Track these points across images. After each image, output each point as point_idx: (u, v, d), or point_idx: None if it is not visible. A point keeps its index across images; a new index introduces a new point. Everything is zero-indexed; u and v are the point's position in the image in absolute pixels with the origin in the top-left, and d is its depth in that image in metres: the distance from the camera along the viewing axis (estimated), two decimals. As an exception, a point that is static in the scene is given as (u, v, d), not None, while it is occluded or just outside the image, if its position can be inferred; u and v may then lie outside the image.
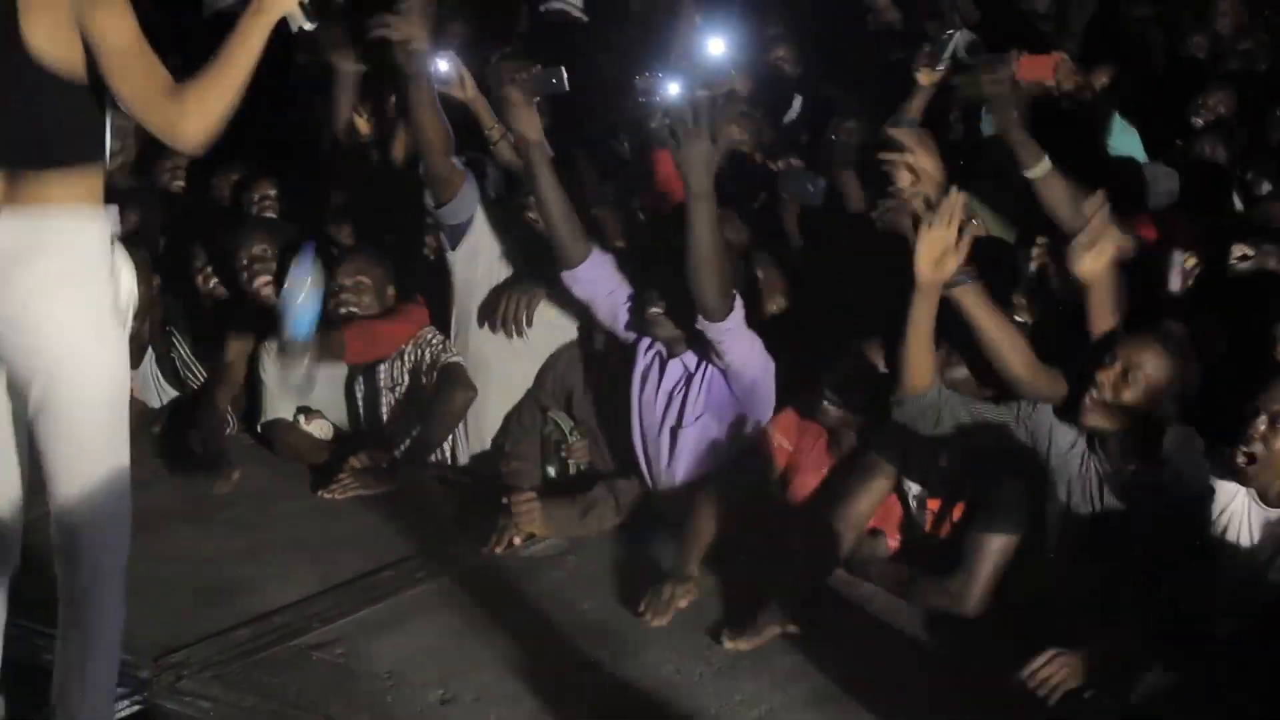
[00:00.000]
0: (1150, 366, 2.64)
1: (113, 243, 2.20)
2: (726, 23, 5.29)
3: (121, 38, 2.08)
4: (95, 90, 2.12)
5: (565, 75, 3.40)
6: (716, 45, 4.82)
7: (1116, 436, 2.73)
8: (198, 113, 2.09)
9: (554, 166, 3.40)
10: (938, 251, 2.65)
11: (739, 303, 3.17)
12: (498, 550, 3.24)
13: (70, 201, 2.12)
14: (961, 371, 3.04)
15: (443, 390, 3.67)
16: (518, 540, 3.28)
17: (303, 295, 3.26)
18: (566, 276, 3.41)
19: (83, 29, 2.06)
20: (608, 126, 5.23)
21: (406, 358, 3.77)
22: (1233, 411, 2.69)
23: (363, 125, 4.63)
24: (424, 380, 3.73)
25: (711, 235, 3.04)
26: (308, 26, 2.23)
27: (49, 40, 2.04)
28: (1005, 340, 2.80)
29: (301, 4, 2.19)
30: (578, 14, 5.91)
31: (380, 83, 4.54)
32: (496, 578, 3.23)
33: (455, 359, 3.71)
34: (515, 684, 2.69)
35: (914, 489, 3.15)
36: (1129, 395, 2.64)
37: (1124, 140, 4.85)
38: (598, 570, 3.27)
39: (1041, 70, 3.95)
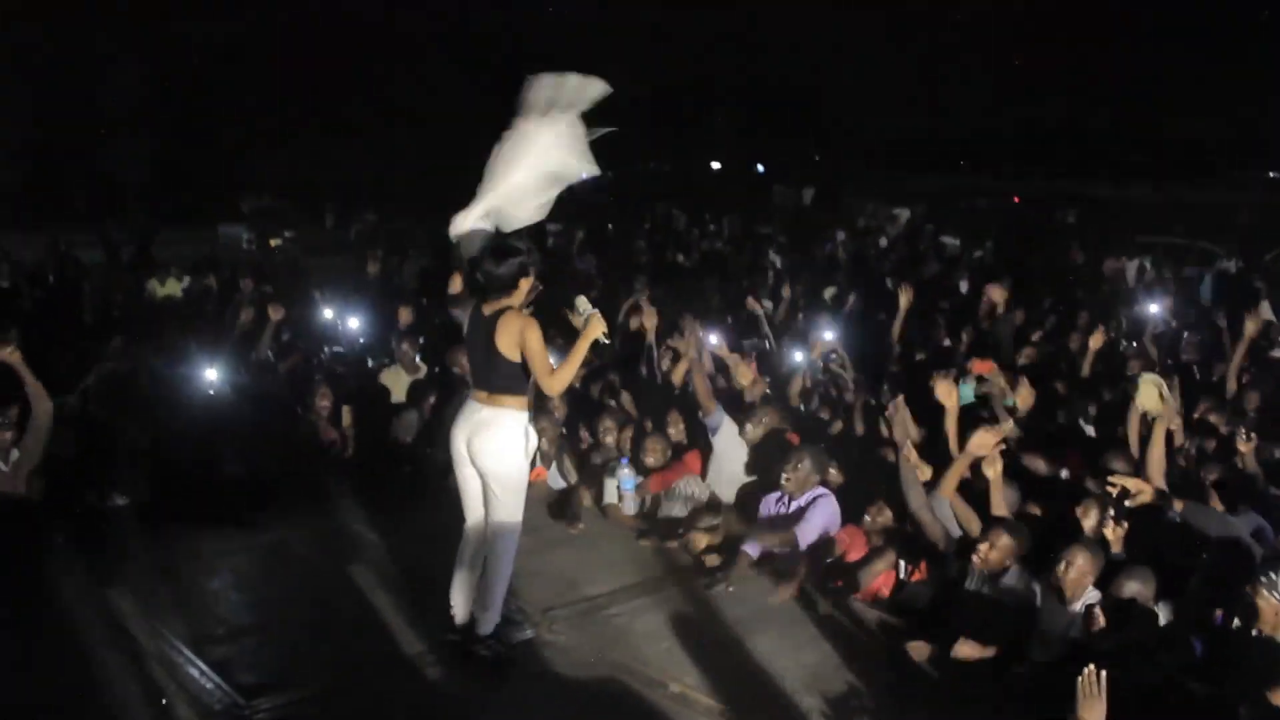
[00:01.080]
0: (1003, 542, 5.21)
1: (529, 422, 5.09)
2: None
3: (535, 348, 4.81)
4: (521, 367, 4.90)
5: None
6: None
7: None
8: (560, 381, 4.96)
9: None
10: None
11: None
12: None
13: (512, 406, 5.03)
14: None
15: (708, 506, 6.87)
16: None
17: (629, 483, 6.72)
18: None
19: (521, 342, 4.88)
20: None
21: (685, 486, 6.97)
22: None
23: None
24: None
25: None
26: (605, 341, 5.23)
27: (506, 346, 4.89)
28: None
29: (605, 334, 5.14)
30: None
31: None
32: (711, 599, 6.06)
33: (710, 491, 7.01)
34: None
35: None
36: (993, 556, 5.25)
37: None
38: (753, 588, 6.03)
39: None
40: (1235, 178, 46.94)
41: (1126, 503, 5.45)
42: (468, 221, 5.25)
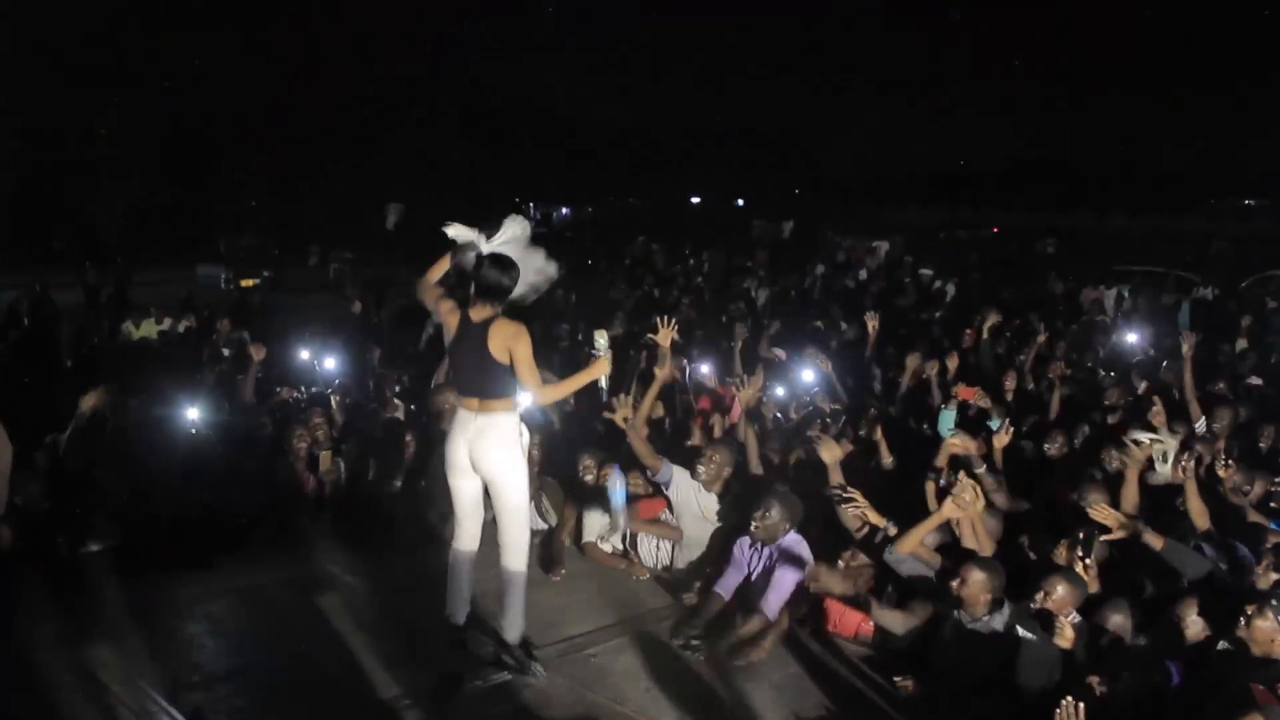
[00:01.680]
0: (975, 578, 5.19)
1: (520, 423, 5.19)
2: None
3: (523, 356, 4.93)
4: (511, 370, 4.97)
5: None
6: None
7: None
8: (549, 395, 5.21)
9: None
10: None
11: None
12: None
13: (503, 410, 5.09)
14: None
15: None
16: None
17: (619, 493, 6.58)
18: None
19: (510, 349, 4.96)
20: None
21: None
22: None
23: None
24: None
25: None
26: (604, 385, 5.30)
27: (497, 350, 4.92)
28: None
29: (608, 376, 5.25)
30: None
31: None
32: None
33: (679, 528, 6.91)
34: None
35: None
36: (965, 593, 5.23)
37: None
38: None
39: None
40: (1211, 207, 47.44)
41: (1103, 537, 5.47)
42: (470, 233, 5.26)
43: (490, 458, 5.08)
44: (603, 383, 5.39)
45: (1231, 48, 50.94)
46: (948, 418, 8.09)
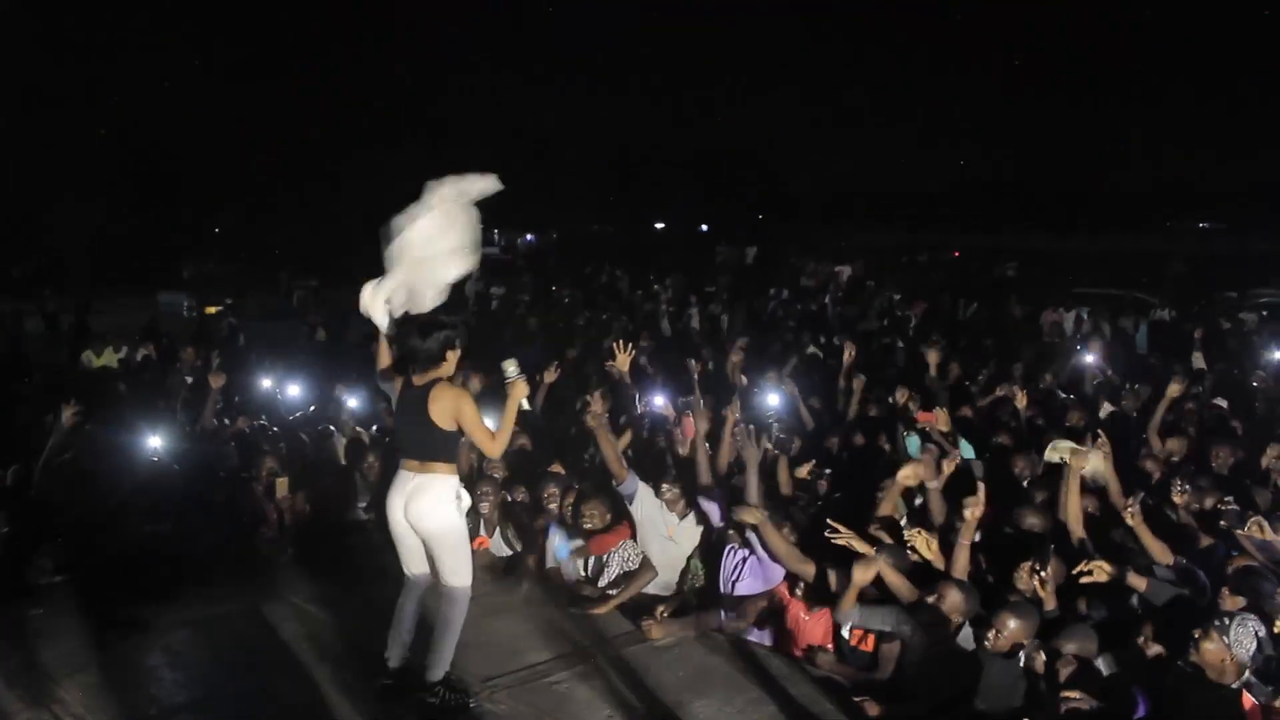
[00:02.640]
0: (951, 598, 5.23)
1: (459, 486, 5.21)
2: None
3: (470, 419, 5.00)
4: (453, 433, 5.10)
5: None
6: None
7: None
8: (499, 445, 5.15)
9: None
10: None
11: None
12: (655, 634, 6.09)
13: (442, 472, 5.13)
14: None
15: (641, 569, 6.76)
16: (657, 634, 6.11)
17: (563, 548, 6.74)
18: None
19: (456, 415, 5.04)
20: None
21: (622, 552, 6.85)
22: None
23: None
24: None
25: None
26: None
27: (438, 415, 5.01)
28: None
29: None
30: None
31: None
32: (650, 651, 6.03)
33: (643, 554, 6.86)
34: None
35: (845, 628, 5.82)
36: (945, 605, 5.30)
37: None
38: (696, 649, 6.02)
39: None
40: (1168, 229, 48.11)
41: (1084, 580, 5.53)
42: (378, 298, 5.35)
43: (423, 515, 5.08)
44: (526, 405, 5.37)
45: (1188, 73, 51.82)
46: (913, 443, 8.18)
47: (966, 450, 8.16)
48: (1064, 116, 54.91)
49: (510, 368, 5.20)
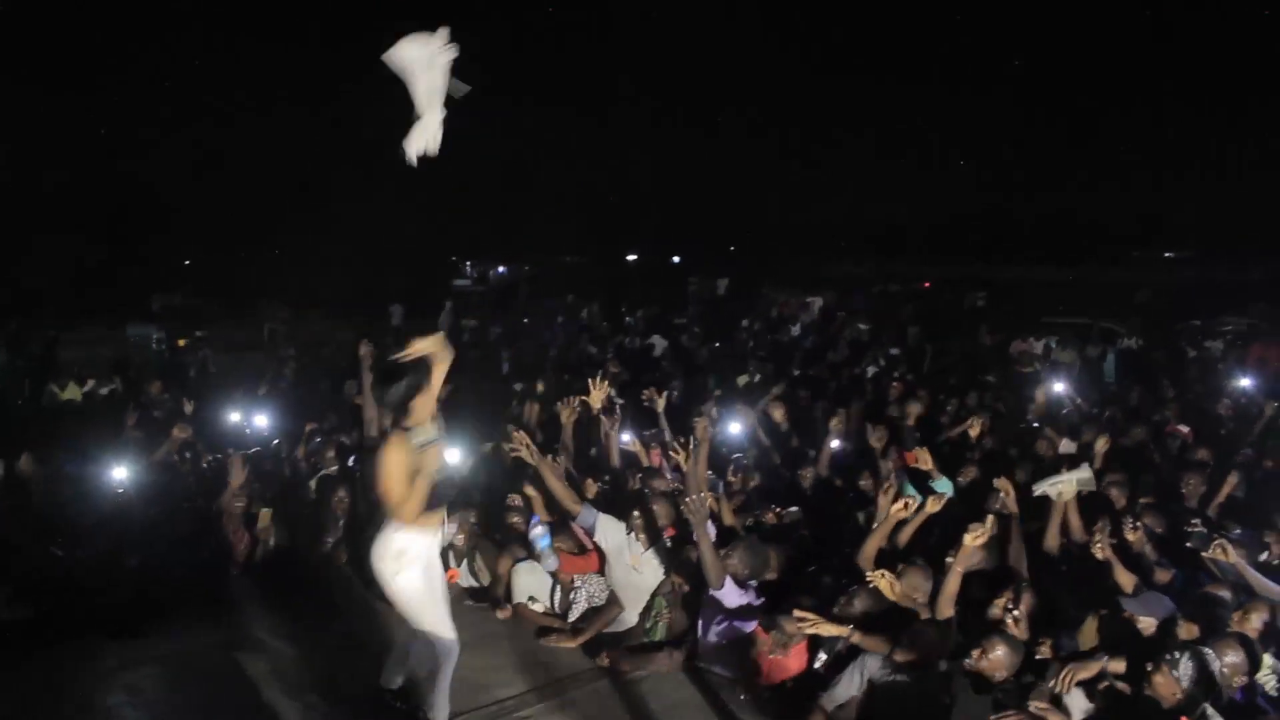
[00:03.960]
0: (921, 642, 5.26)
1: (408, 540, 4.85)
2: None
3: (389, 468, 4.67)
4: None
5: None
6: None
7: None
8: (407, 510, 4.74)
9: None
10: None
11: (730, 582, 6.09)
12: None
13: (396, 529, 4.88)
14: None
15: (608, 604, 6.72)
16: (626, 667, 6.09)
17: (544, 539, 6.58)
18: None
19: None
20: None
21: (589, 586, 6.82)
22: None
23: None
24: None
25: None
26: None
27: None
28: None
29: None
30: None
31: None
32: (620, 686, 6.01)
33: (610, 590, 6.84)
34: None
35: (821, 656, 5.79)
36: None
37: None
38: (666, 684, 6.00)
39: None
40: (1134, 259, 48.64)
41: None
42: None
43: (385, 578, 4.90)
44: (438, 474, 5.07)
45: (1154, 107, 52.54)
46: (908, 488, 8.16)
47: (946, 487, 8.15)
48: (1033, 149, 55.50)
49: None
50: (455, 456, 7.93)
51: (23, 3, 33.46)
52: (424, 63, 5.00)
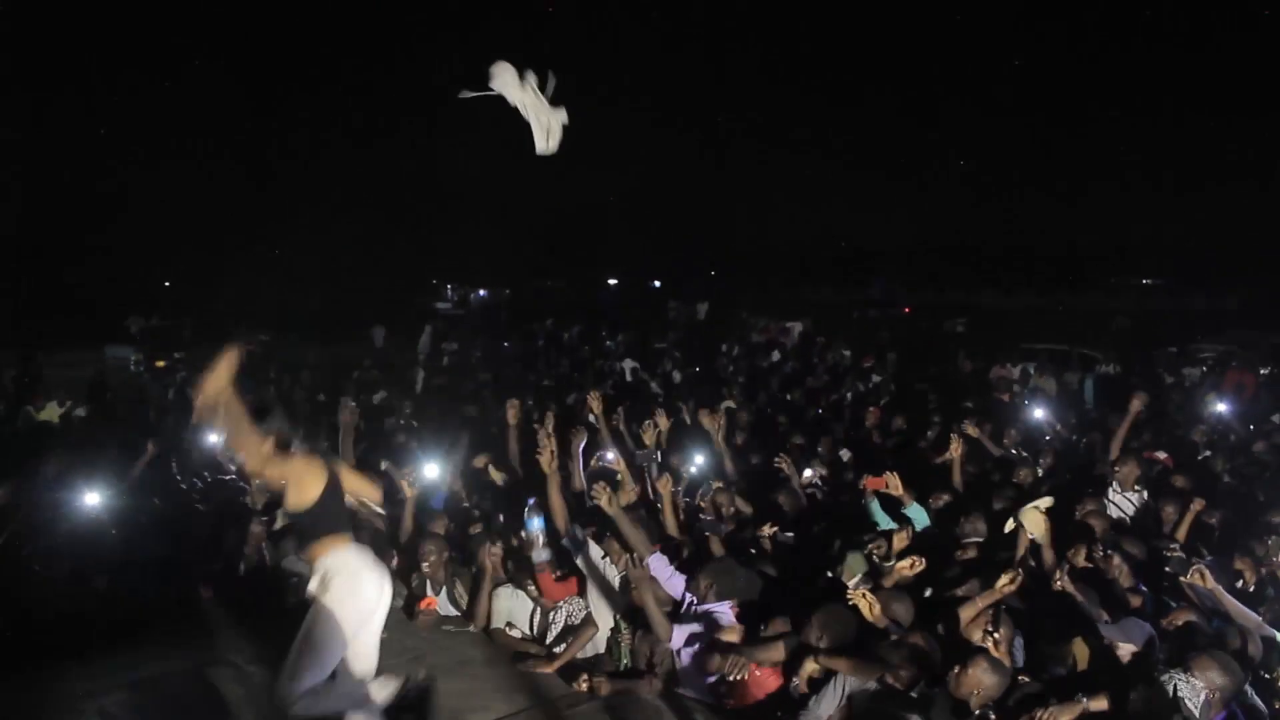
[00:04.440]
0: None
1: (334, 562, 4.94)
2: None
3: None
4: (309, 510, 4.98)
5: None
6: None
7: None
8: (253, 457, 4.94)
9: None
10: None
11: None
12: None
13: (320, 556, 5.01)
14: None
15: (584, 624, 6.70)
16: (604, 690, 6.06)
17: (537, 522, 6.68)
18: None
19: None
20: None
21: (568, 606, 6.80)
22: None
23: None
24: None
25: None
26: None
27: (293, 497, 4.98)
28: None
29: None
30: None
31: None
32: (596, 710, 5.98)
33: (587, 610, 6.81)
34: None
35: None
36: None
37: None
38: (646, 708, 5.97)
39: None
40: (1111, 285, 49.08)
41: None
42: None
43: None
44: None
45: (1130, 138, 53.17)
46: (875, 508, 8.17)
47: (919, 515, 8.14)
48: (1011, 177, 56.11)
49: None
50: (433, 472, 7.90)
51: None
52: (514, 84, 5.52)
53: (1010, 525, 6.98)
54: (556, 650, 6.68)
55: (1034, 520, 6.74)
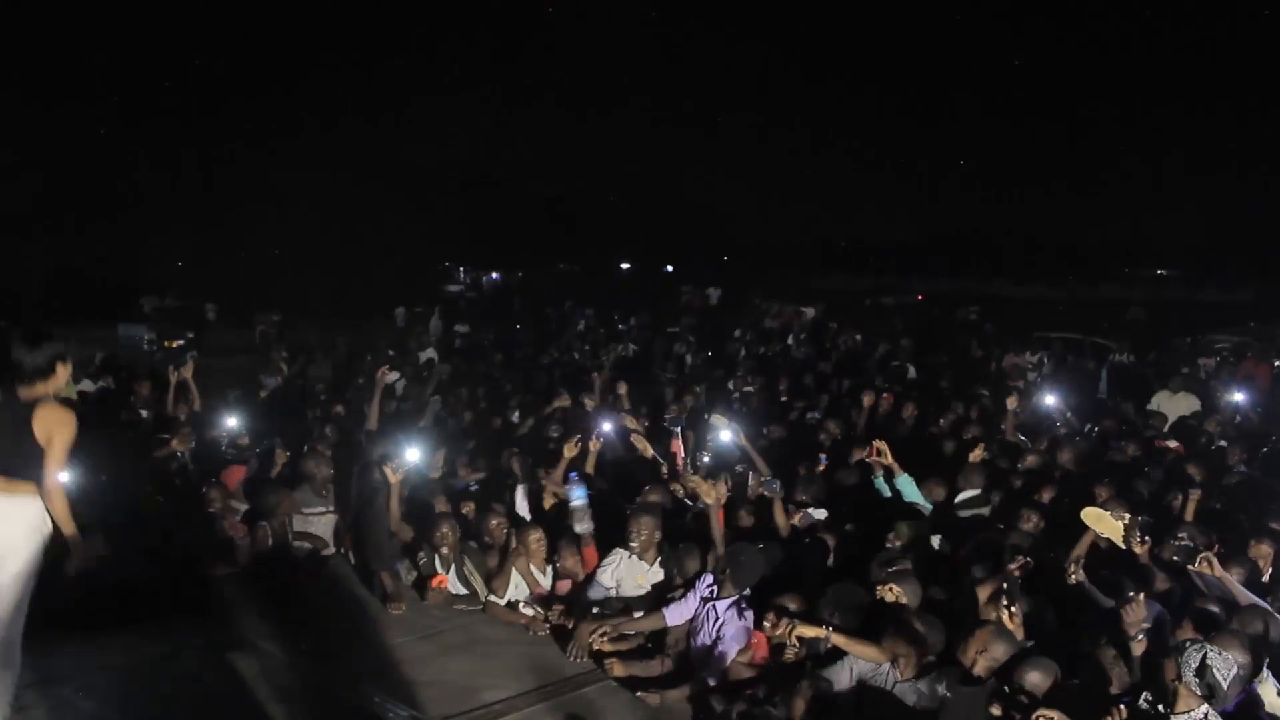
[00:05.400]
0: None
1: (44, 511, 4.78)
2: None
3: (59, 448, 4.74)
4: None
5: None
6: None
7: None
8: (56, 498, 4.79)
9: None
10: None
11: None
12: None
13: (30, 493, 4.73)
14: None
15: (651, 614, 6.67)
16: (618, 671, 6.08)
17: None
18: None
19: (47, 438, 4.72)
20: None
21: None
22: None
23: None
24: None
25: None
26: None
27: (40, 433, 4.71)
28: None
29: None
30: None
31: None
32: (607, 691, 5.95)
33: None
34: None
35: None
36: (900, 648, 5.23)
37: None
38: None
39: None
40: (1126, 276, 48.87)
41: None
42: None
43: (16, 544, 4.77)
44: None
45: (1144, 130, 52.92)
46: (880, 484, 8.15)
47: (909, 487, 8.11)
48: (1027, 168, 55.90)
49: None
50: (415, 455, 7.83)
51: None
52: None
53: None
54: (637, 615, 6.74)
55: (1109, 526, 6.56)
